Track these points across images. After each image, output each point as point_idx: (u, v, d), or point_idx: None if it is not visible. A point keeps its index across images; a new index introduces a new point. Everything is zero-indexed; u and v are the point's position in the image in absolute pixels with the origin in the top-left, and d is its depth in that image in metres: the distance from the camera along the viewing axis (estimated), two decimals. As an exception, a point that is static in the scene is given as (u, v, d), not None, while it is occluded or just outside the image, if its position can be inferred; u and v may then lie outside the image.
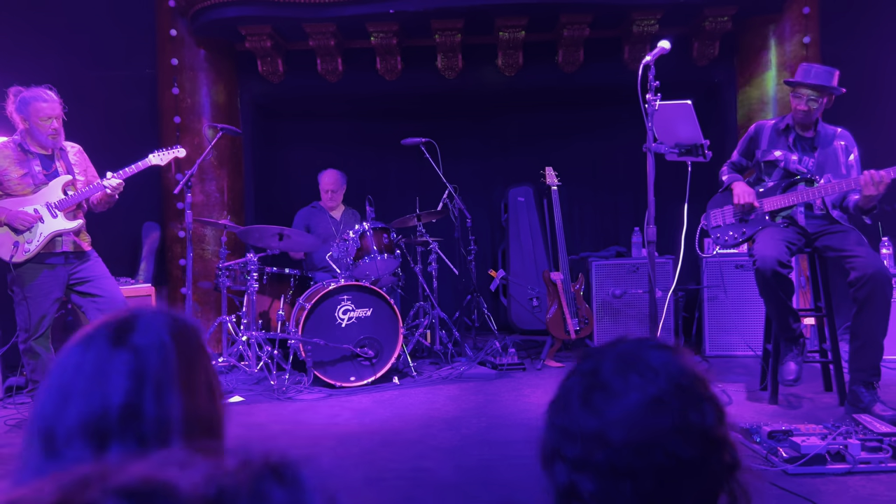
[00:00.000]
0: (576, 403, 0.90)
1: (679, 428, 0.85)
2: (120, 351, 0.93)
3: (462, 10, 5.35)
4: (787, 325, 3.51)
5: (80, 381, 0.91)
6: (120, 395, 0.90)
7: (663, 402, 0.85)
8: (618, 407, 0.86)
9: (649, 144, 3.13)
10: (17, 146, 3.81)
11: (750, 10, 5.51)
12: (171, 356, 0.94)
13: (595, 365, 0.91)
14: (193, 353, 0.98)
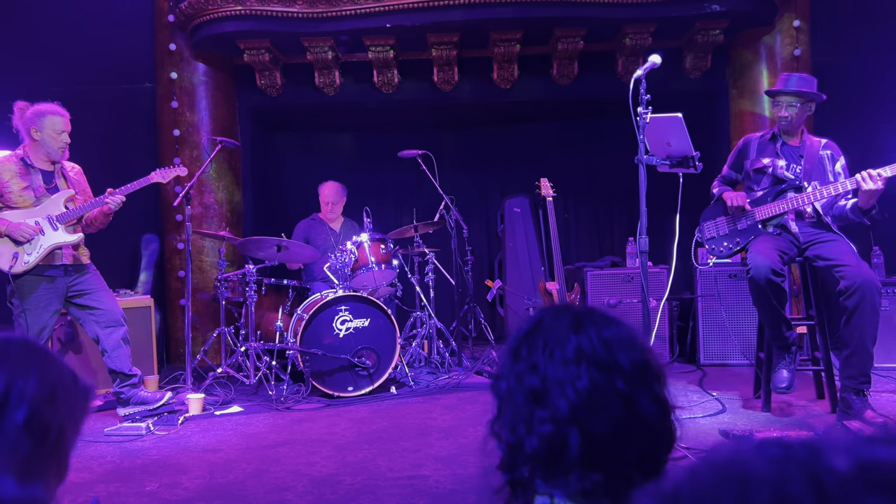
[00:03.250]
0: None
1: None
2: None
3: (458, 25, 5.43)
4: (780, 334, 3.56)
5: None
6: None
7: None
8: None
9: (641, 156, 3.18)
10: (19, 160, 3.87)
11: (741, 24, 5.60)
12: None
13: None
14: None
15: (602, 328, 0.99)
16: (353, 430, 3.69)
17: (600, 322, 1.00)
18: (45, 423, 0.96)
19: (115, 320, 3.95)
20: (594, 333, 0.98)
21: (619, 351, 0.97)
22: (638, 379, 0.96)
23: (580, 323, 0.99)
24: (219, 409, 4.14)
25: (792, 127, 3.76)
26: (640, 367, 0.97)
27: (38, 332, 3.82)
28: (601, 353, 0.96)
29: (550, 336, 0.99)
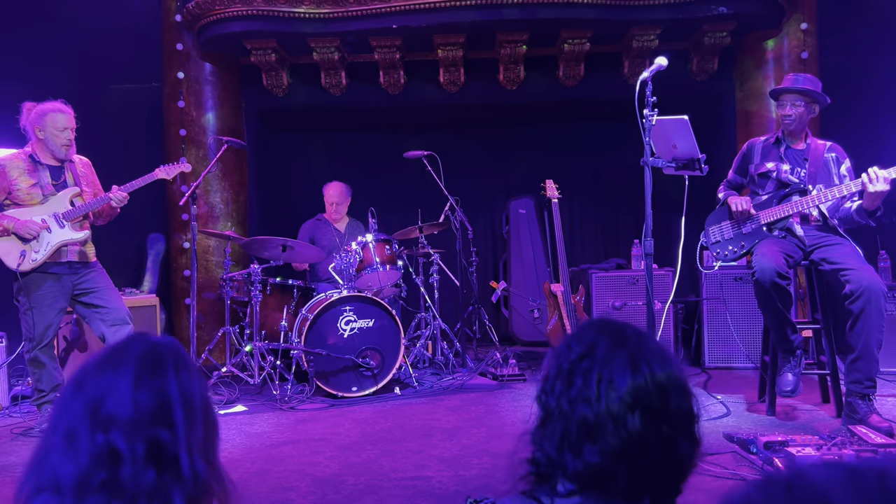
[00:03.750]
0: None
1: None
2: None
3: (464, 26, 5.43)
4: (786, 337, 3.55)
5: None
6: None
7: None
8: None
9: (647, 158, 3.18)
10: (28, 157, 3.89)
11: (749, 26, 5.58)
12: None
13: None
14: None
15: (656, 368, 1.03)
16: (357, 430, 3.70)
17: (654, 362, 1.04)
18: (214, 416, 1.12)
19: (120, 318, 3.97)
20: (649, 375, 1.02)
21: (670, 398, 1.03)
22: (682, 424, 1.03)
23: (637, 362, 1.04)
24: (223, 409, 4.15)
25: (795, 127, 3.75)
26: (685, 414, 1.04)
27: (44, 329, 3.84)
28: (655, 398, 1.02)
29: (606, 371, 1.03)
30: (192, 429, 1.07)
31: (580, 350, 1.07)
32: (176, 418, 1.05)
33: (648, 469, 1.01)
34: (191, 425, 1.07)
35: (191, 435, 1.06)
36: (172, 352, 1.11)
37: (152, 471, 1.01)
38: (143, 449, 1.01)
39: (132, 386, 1.04)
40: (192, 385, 1.10)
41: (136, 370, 1.06)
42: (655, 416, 1.01)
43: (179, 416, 1.06)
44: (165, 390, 1.06)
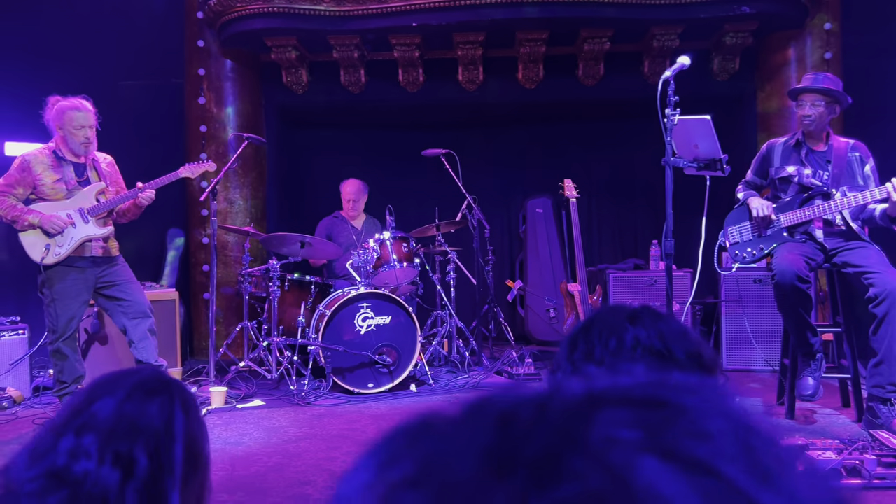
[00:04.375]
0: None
1: None
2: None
3: (484, 24, 5.43)
4: (805, 340, 3.52)
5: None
6: None
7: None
8: None
9: (668, 158, 3.16)
10: (52, 153, 3.93)
11: (771, 26, 5.54)
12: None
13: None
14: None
15: (658, 321, 1.03)
16: (374, 426, 3.71)
17: (655, 316, 1.04)
18: (196, 451, 1.07)
19: (142, 312, 4.01)
20: (650, 324, 1.02)
21: (673, 342, 1.01)
22: (691, 369, 1.01)
23: (636, 316, 1.04)
24: (241, 403, 4.18)
25: (815, 128, 3.68)
26: (693, 358, 1.01)
27: (67, 321, 3.89)
28: (657, 343, 1.00)
29: (606, 326, 1.03)
30: (175, 465, 1.03)
31: (584, 322, 1.08)
32: (158, 448, 1.01)
33: None
34: (175, 462, 1.03)
35: (173, 471, 1.02)
36: (180, 388, 1.09)
37: (117, 474, 0.97)
38: (111, 454, 0.97)
39: (122, 398, 1.02)
40: (193, 425, 1.07)
41: (129, 388, 1.04)
42: (660, 360, 1.00)
43: (164, 449, 1.02)
44: (157, 416, 1.03)
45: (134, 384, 1.05)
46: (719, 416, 0.33)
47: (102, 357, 4.63)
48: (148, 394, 1.04)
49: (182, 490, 1.02)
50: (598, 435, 0.30)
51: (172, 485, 1.01)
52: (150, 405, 1.02)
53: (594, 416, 0.32)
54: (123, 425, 1.00)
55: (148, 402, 1.03)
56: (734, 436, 0.32)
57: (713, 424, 0.32)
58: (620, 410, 0.32)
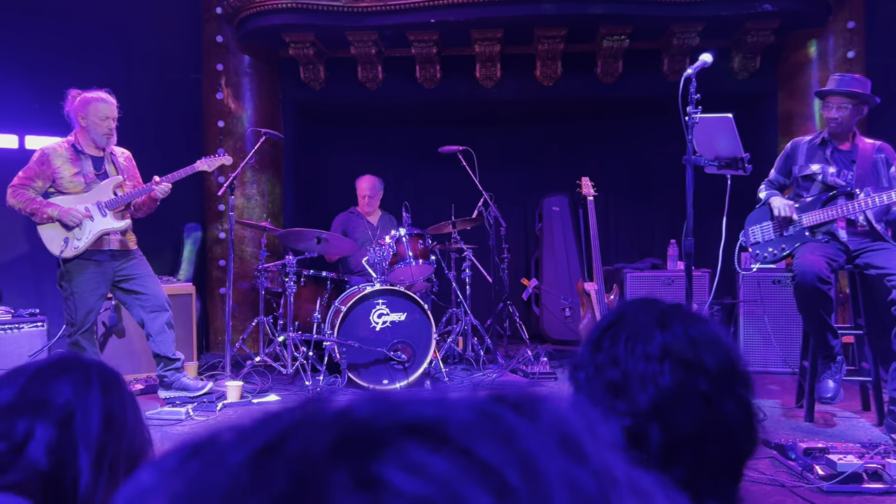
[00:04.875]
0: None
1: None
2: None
3: (502, 21, 5.40)
4: (826, 342, 3.47)
5: None
6: None
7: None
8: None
9: (689, 157, 3.13)
10: (71, 146, 3.96)
11: (793, 24, 5.47)
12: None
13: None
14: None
15: (689, 326, 0.96)
16: (389, 423, 3.70)
17: (687, 320, 0.97)
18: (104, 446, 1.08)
19: (159, 305, 4.03)
20: (680, 331, 0.95)
21: (705, 351, 0.95)
22: (723, 381, 0.94)
23: (666, 319, 0.97)
24: (256, 398, 4.20)
25: (841, 129, 3.64)
26: (725, 369, 0.95)
27: (85, 314, 3.91)
28: (686, 351, 0.94)
29: (633, 330, 0.97)
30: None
31: (610, 320, 1.01)
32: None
33: (691, 431, 0.92)
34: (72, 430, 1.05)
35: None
36: (98, 367, 1.12)
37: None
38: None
39: (24, 381, 1.05)
40: (109, 399, 1.09)
41: (37, 370, 1.08)
42: (690, 370, 0.93)
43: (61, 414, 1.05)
44: (67, 390, 1.06)
45: (40, 366, 1.08)
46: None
47: (120, 350, 4.66)
48: (59, 371, 1.07)
49: (98, 458, 1.04)
50: (345, 478, 0.31)
51: (82, 454, 1.04)
52: (59, 382, 1.06)
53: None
54: (24, 402, 1.03)
55: (57, 378, 1.06)
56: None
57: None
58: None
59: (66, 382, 1.06)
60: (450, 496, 0.29)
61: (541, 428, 0.33)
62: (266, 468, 0.32)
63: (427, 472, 0.30)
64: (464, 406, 0.34)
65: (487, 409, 0.34)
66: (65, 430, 1.04)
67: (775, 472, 2.84)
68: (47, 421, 1.03)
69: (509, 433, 0.32)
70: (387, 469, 0.30)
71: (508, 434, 0.32)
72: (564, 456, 0.32)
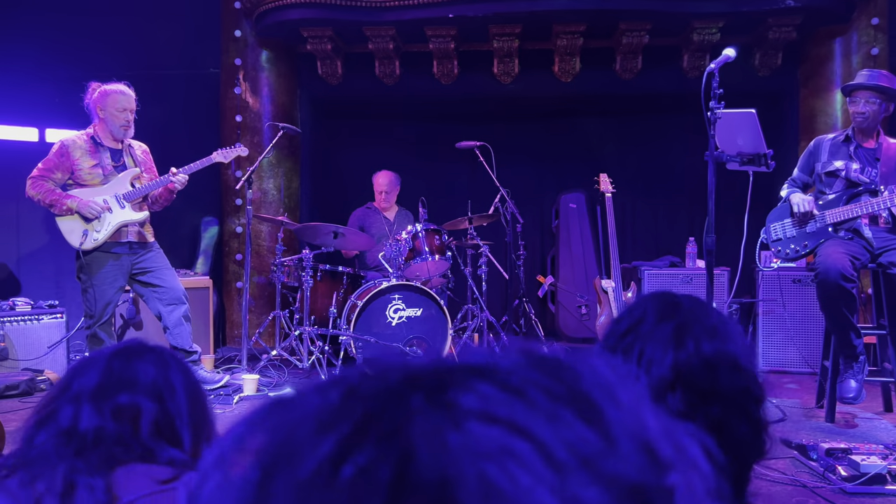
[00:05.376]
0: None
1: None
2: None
3: (521, 16, 5.37)
4: (849, 342, 3.42)
5: None
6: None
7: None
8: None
9: (711, 153, 3.09)
10: (90, 138, 3.99)
11: (816, 20, 5.40)
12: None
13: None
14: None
15: (703, 344, 0.92)
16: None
17: (703, 337, 0.93)
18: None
19: (177, 298, 4.05)
20: (694, 351, 0.92)
21: (720, 375, 0.91)
22: (736, 403, 0.92)
23: (682, 336, 0.93)
24: (272, 391, 4.20)
25: (868, 125, 3.59)
26: (740, 390, 0.92)
27: (104, 307, 3.94)
28: (699, 376, 0.91)
29: (648, 347, 0.93)
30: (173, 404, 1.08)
31: (628, 323, 0.98)
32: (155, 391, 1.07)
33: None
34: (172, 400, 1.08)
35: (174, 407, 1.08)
36: (172, 353, 1.15)
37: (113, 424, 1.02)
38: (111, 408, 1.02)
39: (104, 364, 1.07)
40: (189, 381, 1.12)
41: (112, 354, 1.09)
42: (701, 396, 0.90)
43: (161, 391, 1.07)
44: (150, 370, 1.07)
45: (114, 351, 1.10)
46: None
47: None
48: (135, 354, 1.09)
49: (195, 433, 1.07)
50: (421, 399, 0.33)
51: (182, 426, 1.07)
52: (139, 362, 1.07)
53: (427, 384, 0.34)
54: (113, 381, 1.04)
55: (136, 360, 1.08)
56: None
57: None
58: (463, 381, 0.34)
59: (148, 363, 1.07)
60: (514, 415, 0.32)
61: (581, 374, 0.36)
62: (350, 399, 0.34)
63: (493, 397, 0.33)
64: (514, 355, 0.37)
65: (534, 359, 0.37)
66: (160, 406, 1.05)
67: (796, 473, 2.80)
68: (145, 397, 1.04)
69: (559, 373, 0.36)
70: (456, 394, 0.33)
71: (559, 374, 0.36)
72: (608, 398, 0.35)
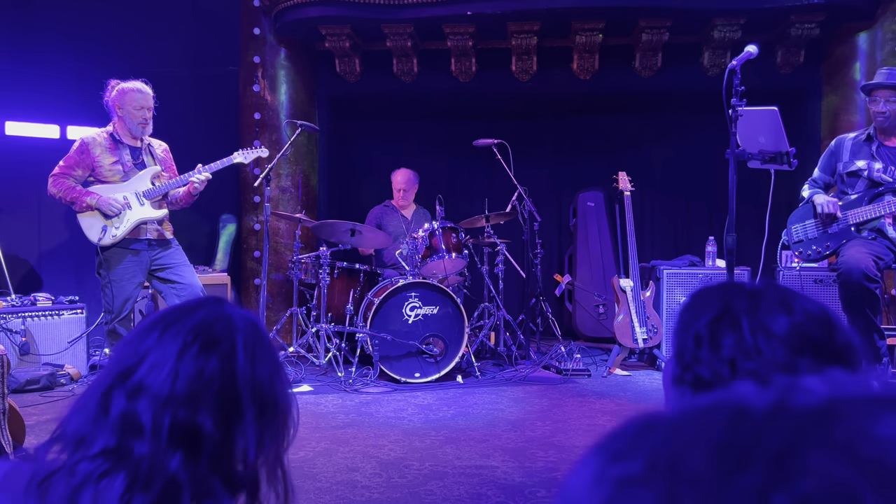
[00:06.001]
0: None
1: None
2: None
3: (539, 13, 5.34)
4: (872, 343, 3.37)
5: None
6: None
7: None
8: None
9: (732, 151, 3.05)
10: (110, 136, 4.03)
11: (840, 17, 5.32)
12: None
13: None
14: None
15: (807, 304, 0.90)
16: (421, 416, 3.70)
17: (801, 298, 0.90)
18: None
19: (194, 294, 4.07)
20: (805, 312, 0.89)
21: (835, 332, 0.88)
22: (852, 362, 0.88)
23: (786, 302, 0.90)
24: (294, 388, 4.21)
25: (889, 124, 3.55)
26: (853, 349, 0.89)
27: (123, 302, 3.97)
28: (820, 334, 0.88)
29: (755, 319, 0.89)
30: (246, 420, 0.93)
31: (714, 312, 0.91)
32: (224, 405, 0.92)
33: None
34: (246, 416, 0.93)
35: (244, 427, 0.93)
36: (245, 326, 0.97)
37: (178, 455, 0.88)
38: (170, 428, 0.88)
39: (176, 355, 0.92)
40: (260, 369, 0.95)
41: (186, 337, 0.93)
42: (826, 356, 0.86)
43: (230, 404, 0.92)
44: (218, 370, 0.92)
45: (191, 331, 0.93)
46: None
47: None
48: (207, 344, 0.93)
49: (257, 443, 0.94)
50: (843, 430, 0.30)
51: (242, 437, 0.93)
52: (210, 359, 0.92)
53: (839, 413, 0.31)
54: (180, 390, 0.90)
55: (207, 355, 0.92)
56: None
57: None
58: (867, 409, 0.31)
59: (214, 359, 0.93)
60: None
61: None
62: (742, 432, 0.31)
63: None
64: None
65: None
66: (220, 421, 0.92)
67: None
68: (205, 412, 0.91)
69: None
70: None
71: None
72: None
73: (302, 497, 2.54)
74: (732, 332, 0.89)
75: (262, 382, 0.96)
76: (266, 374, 0.97)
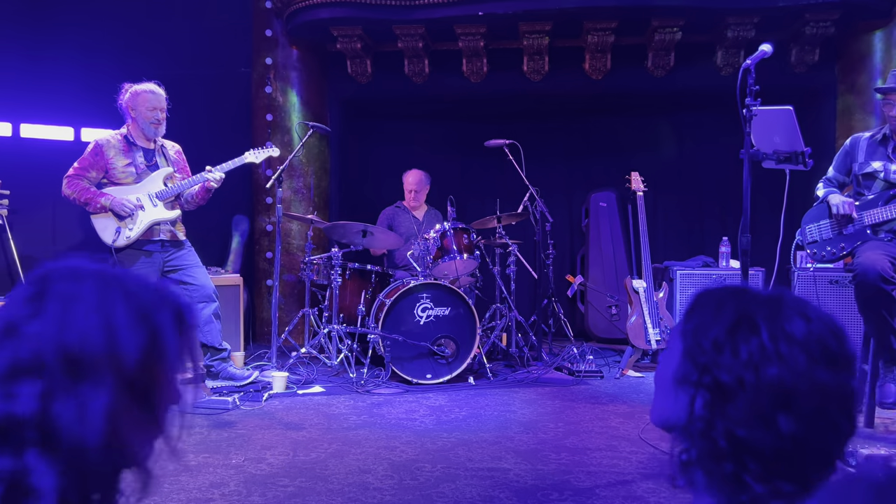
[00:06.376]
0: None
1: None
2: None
3: (551, 13, 5.33)
4: (889, 345, 3.33)
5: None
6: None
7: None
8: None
9: (746, 150, 3.02)
10: (123, 138, 4.06)
11: (855, 15, 5.27)
12: None
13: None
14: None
15: (820, 313, 0.91)
16: (432, 417, 3.69)
17: (812, 308, 0.91)
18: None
19: (207, 296, 4.09)
20: (819, 320, 0.90)
21: (845, 342, 0.90)
22: (855, 373, 0.90)
23: (802, 309, 0.90)
24: (301, 388, 4.22)
25: None
26: (855, 360, 0.91)
27: (136, 304, 3.98)
28: (834, 344, 0.89)
29: (775, 325, 0.89)
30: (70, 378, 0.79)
31: (731, 317, 0.90)
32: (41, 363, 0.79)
33: (830, 436, 0.87)
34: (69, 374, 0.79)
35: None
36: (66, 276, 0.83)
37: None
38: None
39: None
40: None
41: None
42: (838, 367, 0.87)
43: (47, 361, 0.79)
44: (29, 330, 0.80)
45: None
46: None
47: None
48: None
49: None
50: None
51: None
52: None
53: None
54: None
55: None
56: None
57: None
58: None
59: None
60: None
61: None
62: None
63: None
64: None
65: None
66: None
67: (834, 479, 2.73)
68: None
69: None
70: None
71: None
72: None
73: (313, 499, 2.54)
74: (754, 337, 0.89)
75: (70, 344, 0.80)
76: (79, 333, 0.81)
